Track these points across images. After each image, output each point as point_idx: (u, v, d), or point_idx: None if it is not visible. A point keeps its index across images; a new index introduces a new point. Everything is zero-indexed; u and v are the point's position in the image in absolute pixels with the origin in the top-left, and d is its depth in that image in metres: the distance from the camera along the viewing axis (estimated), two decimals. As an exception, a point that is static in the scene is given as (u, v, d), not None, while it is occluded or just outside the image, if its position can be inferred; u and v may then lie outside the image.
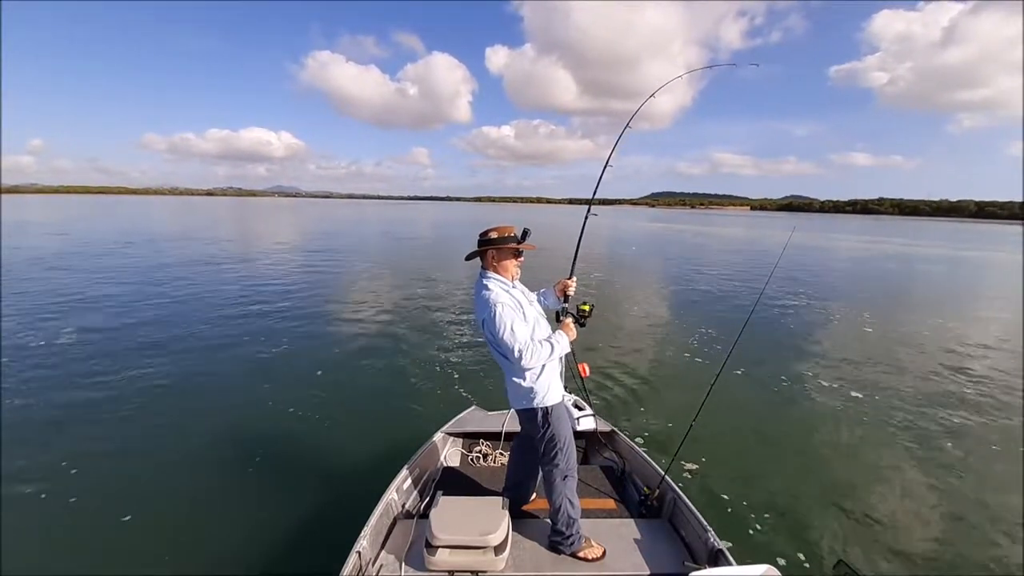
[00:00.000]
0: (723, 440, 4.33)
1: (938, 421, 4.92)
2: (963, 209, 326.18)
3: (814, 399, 5.41)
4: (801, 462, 4.09)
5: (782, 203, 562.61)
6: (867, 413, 5.05)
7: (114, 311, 8.91)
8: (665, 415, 4.87)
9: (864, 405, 5.27)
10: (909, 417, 4.99)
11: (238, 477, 3.78)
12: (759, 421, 4.81)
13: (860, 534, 3.18)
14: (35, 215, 43.30)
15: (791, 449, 4.32)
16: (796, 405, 5.26)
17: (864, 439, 4.51)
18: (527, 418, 2.36)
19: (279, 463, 3.97)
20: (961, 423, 4.90)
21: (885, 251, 27.79)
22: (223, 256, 17.43)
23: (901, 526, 3.28)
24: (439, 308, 9.81)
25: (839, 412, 5.06)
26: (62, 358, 6.28)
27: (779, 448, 4.32)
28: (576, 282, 2.57)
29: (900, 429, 4.72)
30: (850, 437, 4.55)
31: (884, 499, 3.59)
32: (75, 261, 15.07)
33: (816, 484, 3.75)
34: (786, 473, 3.90)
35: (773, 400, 5.37)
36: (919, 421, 4.91)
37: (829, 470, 3.97)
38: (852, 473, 3.93)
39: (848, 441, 4.48)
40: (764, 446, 4.35)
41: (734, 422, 4.71)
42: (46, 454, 4.01)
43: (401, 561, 2.24)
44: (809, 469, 3.98)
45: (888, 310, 10.73)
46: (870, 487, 3.74)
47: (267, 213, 66.83)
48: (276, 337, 7.49)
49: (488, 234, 2.33)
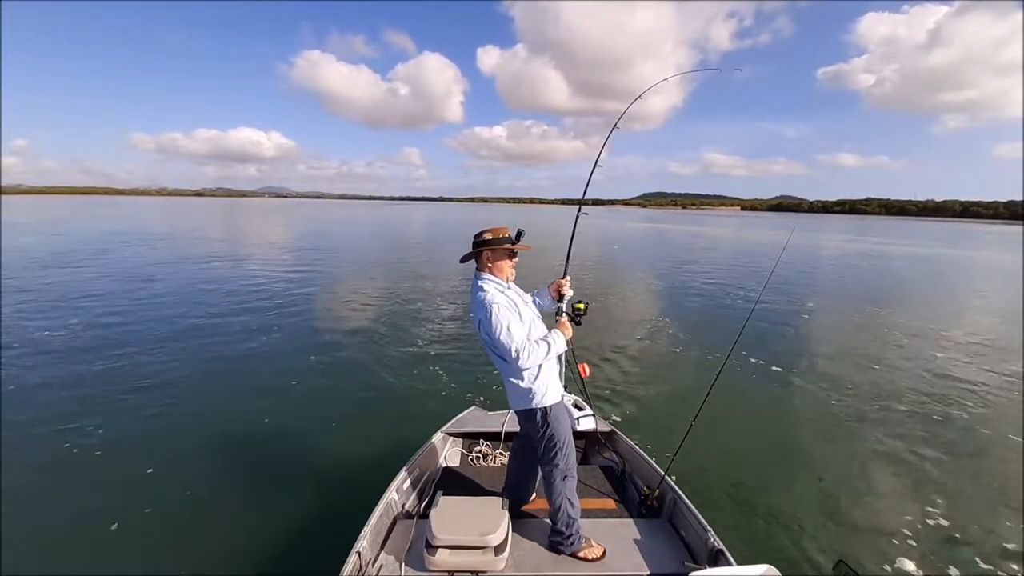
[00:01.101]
0: (723, 440, 4.34)
1: (939, 421, 4.93)
2: (948, 209, 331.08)
3: (814, 399, 5.42)
4: (801, 462, 4.09)
5: (772, 203, 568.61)
6: (868, 413, 5.06)
7: (114, 311, 8.85)
8: (665, 415, 4.89)
9: (865, 405, 5.27)
10: (910, 417, 4.99)
11: (238, 477, 3.77)
12: (759, 421, 4.82)
13: (860, 534, 3.19)
14: (21, 217, 42.54)
15: (791, 449, 4.32)
16: (797, 405, 5.27)
17: (865, 439, 4.51)
18: (526, 418, 2.35)
19: (279, 463, 3.96)
20: (961, 423, 4.90)
21: (885, 252, 27.88)
22: (223, 257, 17.38)
23: (901, 526, 3.29)
24: (439, 308, 9.81)
25: (840, 413, 5.07)
26: (59, 358, 6.24)
27: (779, 448, 4.33)
28: (570, 281, 2.55)
29: (901, 429, 4.72)
30: (851, 437, 4.55)
31: (884, 499, 3.60)
32: (69, 262, 14.90)
33: (816, 484, 3.77)
34: (786, 473, 3.91)
35: (773, 400, 5.38)
36: (920, 421, 4.92)
37: (829, 470, 3.97)
38: (852, 473, 3.94)
39: (849, 441, 4.48)
40: (764, 446, 4.36)
41: (734, 422, 4.72)
42: (45, 454, 4.00)
43: (401, 561, 2.23)
44: (809, 469, 3.98)
45: (889, 310, 10.74)
46: (870, 487, 3.75)
47: (260, 214, 66.50)
48: (275, 338, 7.46)
49: (483, 235, 2.32)
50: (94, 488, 3.58)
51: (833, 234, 47.44)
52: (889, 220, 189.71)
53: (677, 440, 2.78)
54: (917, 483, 3.84)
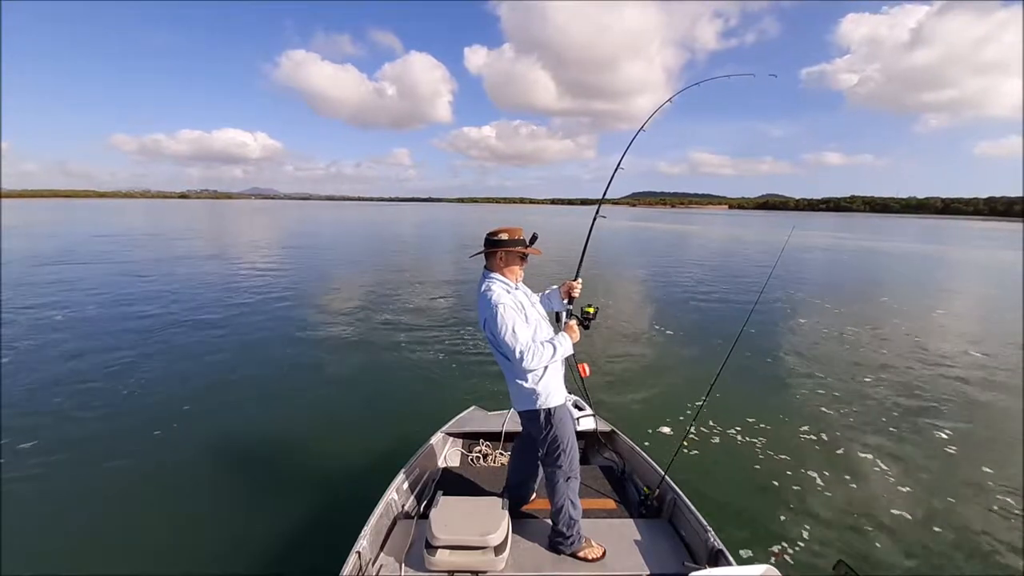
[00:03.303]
0: (723, 440, 4.34)
1: (939, 421, 4.93)
2: (931, 206, 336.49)
3: (815, 399, 5.42)
4: (801, 462, 4.07)
5: (759, 202, 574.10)
6: (868, 413, 5.06)
7: (114, 311, 8.83)
8: (665, 415, 4.88)
9: (866, 405, 5.27)
10: (911, 418, 4.99)
11: (238, 477, 3.74)
12: (759, 420, 4.79)
13: (860, 534, 3.20)
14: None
15: (791, 448, 4.31)
16: (797, 405, 5.26)
17: (865, 439, 4.51)
18: (529, 419, 2.34)
19: (279, 463, 3.94)
20: (962, 423, 4.91)
21: (876, 248, 28.05)
22: (221, 256, 17.32)
23: (901, 526, 3.30)
24: (438, 308, 9.77)
25: (840, 412, 5.07)
26: (57, 358, 6.20)
27: (779, 448, 4.31)
28: (582, 284, 2.52)
29: (903, 429, 4.72)
30: (851, 437, 4.54)
31: (884, 499, 3.60)
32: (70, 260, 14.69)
33: (816, 484, 3.77)
34: (786, 473, 3.90)
35: (773, 400, 5.36)
36: (920, 421, 4.92)
37: (830, 470, 3.97)
38: (853, 473, 3.94)
39: (849, 441, 4.47)
40: (764, 446, 4.34)
41: (734, 421, 4.70)
42: (44, 453, 3.98)
43: (401, 561, 2.23)
44: (809, 469, 3.97)
45: (889, 309, 10.72)
46: (871, 487, 3.75)
47: (248, 215, 65.70)
48: (274, 338, 7.42)
49: (499, 235, 2.29)
50: (94, 488, 3.56)
51: (822, 231, 47.90)
52: (873, 217, 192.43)
53: (677, 440, 2.79)
54: (918, 483, 3.83)
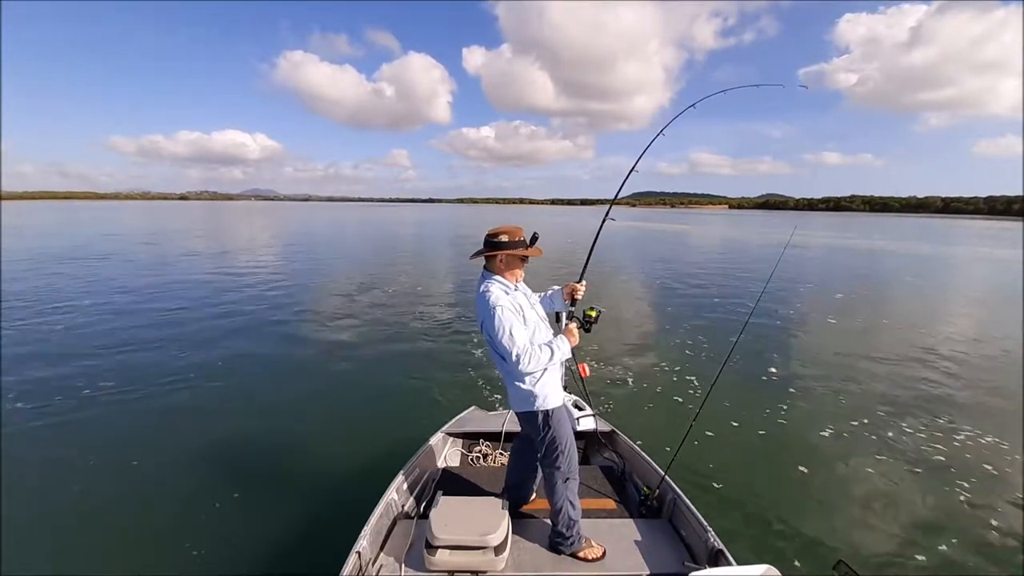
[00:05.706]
0: (723, 440, 4.34)
1: (939, 421, 4.91)
2: (930, 205, 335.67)
3: (815, 398, 5.41)
4: (802, 462, 4.06)
5: (758, 201, 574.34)
6: (868, 413, 5.04)
7: (113, 311, 8.83)
8: (665, 415, 4.88)
9: (866, 405, 5.25)
10: (911, 418, 4.97)
11: (238, 477, 3.74)
12: (759, 420, 4.79)
13: (860, 534, 3.19)
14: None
15: (791, 448, 4.29)
16: (797, 404, 5.24)
17: (865, 439, 4.49)
18: (527, 420, 2.34)
19: (279, 463, 3.94)
20: (962, 422, 4.89)
21: (876, 248, 27.96)
22: (220, 257, 17.33)
23: (901, 526, 3.29)
24: (438, 308, 9.78)
25: (840, 412, 5.06)
26: (56, 359, 6.20)
27: (779, 447, 4.31)
28: (586, 286, 2.49)
29: (902, 429, 4.70)
30: (851, 436, 4.53)
31: (884, 499, 3.59)
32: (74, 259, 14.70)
33: (816, 484, 3.77)
34: (786, 473, 3.90)
35: (773, 399, 5.34)
36: (920, 421, 4.90)
37: (829, 470, 3.97)
38: (853, 473, 3.93)
39: (849, 440, 4.46)
40: (764, 445, 4.35)
41: (734, 421, 4.70)
42: (44, 453, 3.99)
43: (401, 562, 2.23)
44: (809, 469, 3.96)
45: (889, 309, 10.69)
46: (871, 487, 3.74)
47: (248, 216, 65.74)
48: (273, 338, 7.42)
49: (499, 236, 2.25)
50: (93, 488, 3.55)
51: (821, 231, 47.78)
52: (873, 216, 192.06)
53: (677, 440, 2.78)
54: (918, 483, 3.82)
